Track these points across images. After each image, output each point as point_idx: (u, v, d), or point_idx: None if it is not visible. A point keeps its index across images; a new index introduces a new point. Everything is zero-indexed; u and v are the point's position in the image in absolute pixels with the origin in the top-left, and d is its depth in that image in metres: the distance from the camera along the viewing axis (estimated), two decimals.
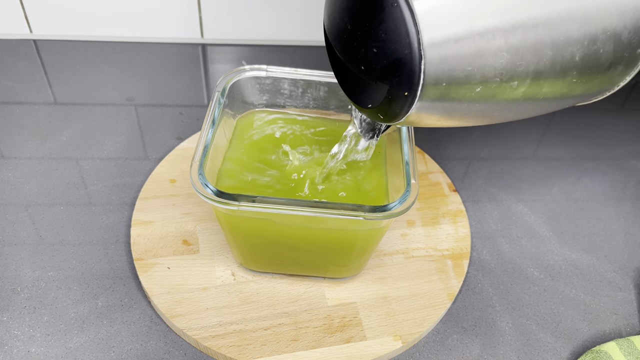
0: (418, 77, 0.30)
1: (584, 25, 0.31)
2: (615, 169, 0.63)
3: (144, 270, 0.47)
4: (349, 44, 0.33)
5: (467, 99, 0.32)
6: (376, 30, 0.31)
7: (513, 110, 0.35)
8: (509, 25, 0.30)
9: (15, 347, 0.43)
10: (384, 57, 0.31)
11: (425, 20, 0.29)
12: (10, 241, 0.50)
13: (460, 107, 0.32)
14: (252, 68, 0.48)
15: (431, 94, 0.31)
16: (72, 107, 0.64)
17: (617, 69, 0.35)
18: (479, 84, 0.31)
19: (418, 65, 0.30)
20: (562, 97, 0.35)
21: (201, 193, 0.38)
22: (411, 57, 0.30)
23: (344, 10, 0.33)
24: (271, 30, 0.75)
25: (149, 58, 0.72)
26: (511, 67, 0.31)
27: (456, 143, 0.64)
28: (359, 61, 0.33)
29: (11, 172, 0.56)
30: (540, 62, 0.31)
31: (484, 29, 0.30)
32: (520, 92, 0.32)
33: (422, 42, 0.29)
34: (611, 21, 0.32)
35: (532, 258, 0.53)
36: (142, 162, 0.58)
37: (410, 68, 0.30)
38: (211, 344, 0.43)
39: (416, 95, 0.31)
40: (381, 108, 0.34)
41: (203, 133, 0.42)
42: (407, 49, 0.29)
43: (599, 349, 0.44)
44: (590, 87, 0.35)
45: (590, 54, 0.32)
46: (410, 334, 0.45)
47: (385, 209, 0.38)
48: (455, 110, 0.33)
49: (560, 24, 0.31)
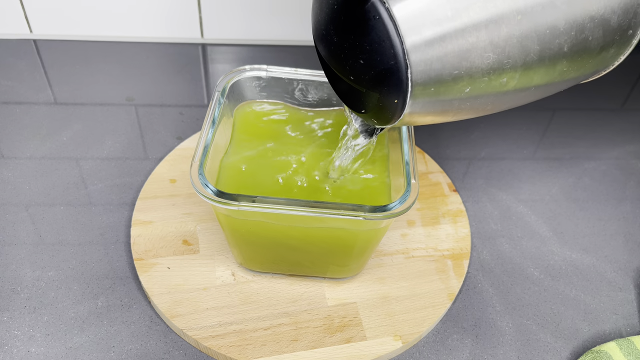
0: (406, 85, 0.30)
1: (570, 15, 0.31)
2: (615, 169, 0.63)
3: (144, 270, 0.47)
4: (336, 55, 0.34)
5: (457, 98, 0.32)
6: (361, 42, 0.31)
7: (507, 101, 0.35)
8: (492, 22, 0.30)
9: (15, 347, 0.43)
10: (371, 68, 0.31)
11: (407, 29, 0.29)
12: (11, 241, 0.50)
13: (452, 105, 0.33)
14: (252, 68, 0.48)
15: (421, 98, 0.31)
16: (72, 107, 0.64)
17: (609, 52, 0.34)
18: (467, 84, 0.31)
19: (405, 74, 0.30)
20: (555, 84, 0.35)
21: (201, 193, 0.38)
22: (397, 67, 0.30)
23: (329, 22, 0.33)
24: (271, 30, 0.75)
25: (149, 58, 0.72)
26: (498, 65, 0.31)
27: (456, 143, 0.64)
28: (348, 72, 0.34)
29: (11, 172, 0.56)
30: (527, 57, 0.31)
31: (466, 29, 0.30)
32: (511, 85, 0.32)
33: (407, 52, 0.29)
34: (598, 8, 0.32)
35: (532, 258, 0.53)
36: (142, 162, 0.58)
37: (397, 77, 0.30)
38: (211, 344, 0.43)
39: (406, 101, 0.31)
40: (374, 113, 0.35)
41: (203, 133, 0.42)
42: (392, 59, 0.30)
43: (599, 349, 0.44)
44: (583, 71, 0.35)
45: (578, 43, 0.32)
46: (410, 334, 0.45)
47: (385, 209, 0.38)
48: (447, 109, 0.33)
49: (545, 17, 0.31)
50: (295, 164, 0.46)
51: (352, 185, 0.45)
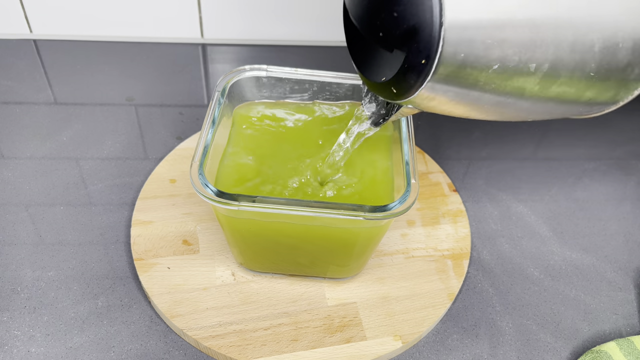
0: (437, 43, 0.30)
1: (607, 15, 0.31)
2: (615, 169, 0.63)
3: (144, 270, 0.47)
4: (369, 9, 0.33)
5: (482, 79, 0.31)
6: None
7: (523, 105, 0.34)
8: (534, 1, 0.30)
9: (15, 347, 0.43)
10: (404, 21, 0.31)
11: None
12: (11, 241, 0.50)
13: (473, 89, 0.32)
14: (252, 68, 0.48)
15: (448, 66, 0.31)
16: (72, 107, 0.64)
17: (633, 71, 0.34)
18: (496, 60, 0.31)
19: (438, 30, 0.29)
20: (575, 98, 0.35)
21: (201, 193, 0.38)
22: (432, 21, 0.29)
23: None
24: (271, 30, 0.75)
25: (149, 58, 0.72)
26: (531, 45, 0.31)
27: (456, 143, 0.64)
28: (378, 27, 0.33)
29: (11, 172, 0.56)
30: (559, 46, 0.31)
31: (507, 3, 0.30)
32: (535, 80, 0.32)
33: (443, 7, 0.29)
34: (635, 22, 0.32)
35: (532, 258, 0.53)
36: (142, 162, 0.58)
37: (430, 34, 0.30)
38: (211, 344, 0.43)
39: (433, 63, 0.31)
40: (395, 80, 0.34)
41: (203, 133, 0.42)
42: (428, 12, 0.29)
43: (599, 349, 0.44)
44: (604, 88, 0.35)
45: (609, 47, 0.32)
46: (410, 334, 0.45)
47: (385, 209, 0.38)
48: (467, 93, 0.32)
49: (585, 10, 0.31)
50: (296, 164, 0.46)
51: (353, 185, 0.45)
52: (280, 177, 0.45)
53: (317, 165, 0.46)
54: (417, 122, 0.66)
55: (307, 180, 0.45)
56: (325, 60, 0.74)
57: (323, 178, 0.45)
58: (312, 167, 0.46)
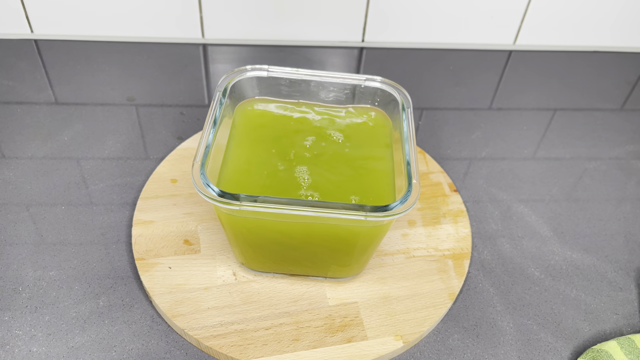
0: None
1: None
2: (615, 169, 0.63)
3: (145, 270, 0.47)
4: None
5: None
6: None
7: None
8: None
9: (16, 347, 0.43)
10: None
11: None
12: (12, 241, 0.50)
13: None
14: (253, 68, 0.48)
15: None
16: (73, 107, 0.64)
17: None
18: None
19: None
20: None
21: (203, 193, 0.38)
22: None
23: None
24: (272, 31, 0.75)
25: (150, 58, 0.72)
26: None
27: (457, 143, 0.64)
28: None
29: (12, 172, 0.56)
30: None
31: None
32: None
33: None
34: None
35: (532, 258, 0.53)
36: (143, 161, 0.58)
37: None
38: (212, 344, 0.43)
39: None
40: None
41: (204, 133, 0.42)
42: None
43: (600, 347, 0.44)
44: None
45: None
46: (411, 333, 0.45)
47: (386, 209, 0.38)
48: None
49: None
50: (296, 164, 0.46)
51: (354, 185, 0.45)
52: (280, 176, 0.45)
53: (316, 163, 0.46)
54: (418, 122, 0.66)
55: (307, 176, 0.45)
56: (325, 61, 0.74)
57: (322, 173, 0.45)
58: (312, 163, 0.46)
